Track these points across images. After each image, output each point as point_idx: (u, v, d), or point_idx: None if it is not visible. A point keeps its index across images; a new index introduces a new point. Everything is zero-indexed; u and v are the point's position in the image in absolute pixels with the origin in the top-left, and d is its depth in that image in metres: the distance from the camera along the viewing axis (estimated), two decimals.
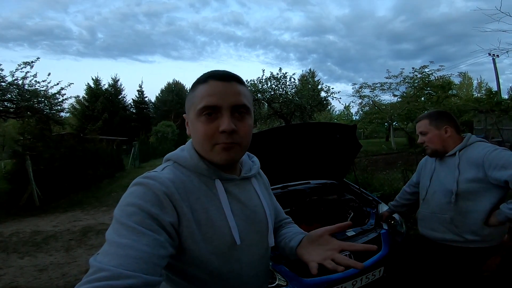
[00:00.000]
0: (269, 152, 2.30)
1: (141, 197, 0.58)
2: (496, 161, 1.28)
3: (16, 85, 7.42)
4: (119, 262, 0.49)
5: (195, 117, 0.68)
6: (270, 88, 14.63)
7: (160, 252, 0.54)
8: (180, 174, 0.68)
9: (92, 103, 25.03)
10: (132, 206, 0.57)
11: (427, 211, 1.60)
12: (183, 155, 0.72)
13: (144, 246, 0.52)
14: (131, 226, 0.54)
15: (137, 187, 0.61)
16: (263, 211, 0.78)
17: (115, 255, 0.50)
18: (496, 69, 16.65)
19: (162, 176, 0.64)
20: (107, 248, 0.52)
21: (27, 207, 6.45)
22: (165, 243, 0.56)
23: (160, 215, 0.58)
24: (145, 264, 0.50)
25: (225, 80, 0.67)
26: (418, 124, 1.60)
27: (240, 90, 0.68)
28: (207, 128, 0.65)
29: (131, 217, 0.55)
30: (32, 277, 3.16)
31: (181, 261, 0.64)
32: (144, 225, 0.55)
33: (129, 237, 0.52)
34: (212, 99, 0.65)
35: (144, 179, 0.62)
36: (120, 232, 0.54)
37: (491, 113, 5.84)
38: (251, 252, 0.72)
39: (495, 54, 14.03)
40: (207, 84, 0.67)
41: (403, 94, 15.01)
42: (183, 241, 0.62)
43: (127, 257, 0.50)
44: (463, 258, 1.44)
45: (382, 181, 4.75)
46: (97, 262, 0.50)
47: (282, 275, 1.69)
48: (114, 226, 0.56)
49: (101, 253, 0.52)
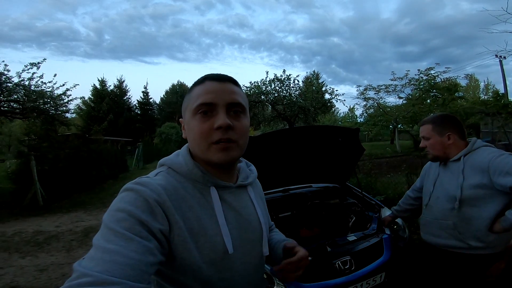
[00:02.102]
0: (271, 155, 2.28)
1: (132, 203, 0.57)
2: (501, 167, 1.25)
3: (23, 85, 7.52)
4: (105, 268, 0.47)
5: (190, 117, 0.68)
6: (274, 90, 14.65)
7: (149, 259, 0.53)
8: (173, 181, 0.67)
9: (97, 104, 25.31)
10: (121, 211, 0.56)
11: (430, 217, 1.56)
12: (178, 160, 0.71)
13: (132, 253, 0.51)
14: (119, 231, 0.53)
15: (127, 193, 0.60)
16: (258, 220, 0.78)
17: (101, 260, 0.48)
18: (503, 70, 16.47)
19: (154, 182, 0.62)
20: (93, 253, 0.51)
21: (31, 207, 6.49)
22: (154, 250, 0.55)
23: (150, 222, 0.56)
24: (132, 271, 0.49)
25: (221, 81, 0.69)
26: (421, 128, 1.58)
27: (235, 90, 0.70)
28: (203, 126, 0.65)
29: (120, 222, 0.54)
30: (32, 277, 3.18)
31: (172, 269, 0.63)
32: (133, 231, 0.53)
33: (117, 243, 0.51)
34: (208, 96, 0.66)
35: (135, 185, 0.61)
36: (108, 237, 0.52)
37: (497, 115, 5.75)
38: (244, 261, 0.71)
39: (502, 55, 13.87)
40: (203, 84, 0.68)
41: (409, 96, 14.91)
42: (174, 249, 0.61)
43: (113, 263, 0.48)
44: (466, 265, 1.40)
45: (386, 185, 4.69)
46: (81, 267, 0.48)
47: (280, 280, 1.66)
48: (102, 231, 0.54)
49: (87, 258, 0.50)
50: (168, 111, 34.83)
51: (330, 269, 1.76)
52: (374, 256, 1.90)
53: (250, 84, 14.55)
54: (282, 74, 14.51)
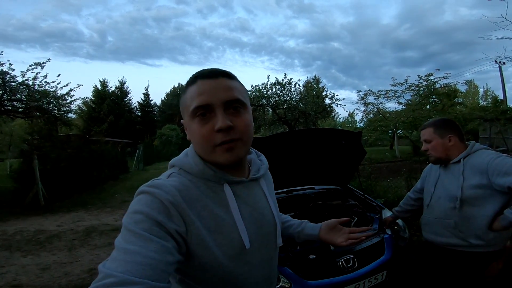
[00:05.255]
0: (275, 157, 2.32)
1: (148, 205, 0.59)
2: (499, 168, 1.31)
3: (26, 85, 7.56)
4: (126, 269, 0.49)
5: (189, 120, 0.67)
6: (275, 94, 14.68)
7: (168, 259, 0.55)
8: (186, 181, 0.67)
9: (98, 105, 25.38)
10: (139, 213, 0.57)
11: (431, 216, 1.61)
12: (187, 161, 0.70)
13: (151, 253, 0.52)
14: (138, 233, 0.54)
15: (143, 196, 0.61)
16: (271, 212, 0.79)
17: (122, 261, 0.51)
18: (502, 76, 16.61)
19: (167, 184, 0.63)
20: (116, 254, 0.53)
21: (32, 206, 6.49)
22: (172, 250, 0.57)
23: (166, 222, 0.58)
24: (152, 271, 0.51)
25: (213, 77, 0.65)
26: (422, 131, 1.63)
27: (230, 84, 0.66)
28: (203, 130, 0.64)
29: (138, 224, 0.56)
30: (34, 276, 3.18)
31: (192, 267, 0.64)
32: (151, 232, 0.55)
33: (137, 244, 0.53)
34: (202, 98, 0.63)
35: (149, 188, 0.62)
36: (128, 238, 0.54)
37: (496, 121, 5.80)
38: (260, 254, 0.73)
39: (502, 61, 13.99)
40: (195, 85, 0.66)
41: (408, 102, 14.98)
42: (193, 249, 0.62)
43: (134, 263, 0.50)
44: (467, 262, 1.44)
45: (386, 188, 4.74)
46: (105, 268, 0.50)
47: (286, 277, 1.70)
48: (123, 233, 0.56)
49: (110, 260, 0.53)
50: (169, 113, 34.81)
51: (334, 267, 1.80)
52: (376, 255, 1.94)
53: (252, 88, 14.61)
54: (283, 78, 14.60)
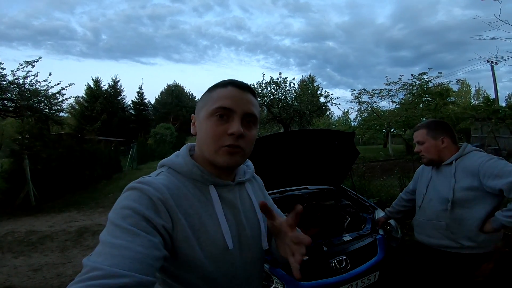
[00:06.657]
0: (268, 158, 2.32)
1: (136, 200, 0.59)
2: (491, 170, 1.32)
3: (17, 84, 7.43)
4: (114, 262, 0.49)
5: (206, 117, 0.70)
6: (270, 93, 14.69)
7: (155, 254, 0.55)
8: (174, 180, 0.69)
9: (91, 103, 24.98)
10: (127, 209, 0.58)
11: (423, 218, 1.62)
12: (178, 161, 0.73)
13: (138, 247, 0.53)
14: (126, 227, 0.55)
15: (132, 192, 0.62)
16: (255, 215, 0.80)
17: (109, 255, 0.51)
18: (494, 76, 16.84)
19: (156, 181, 0.65)
20: (101, 248, 0.53)
21: (23, 207, 6.40)
22: (159, 245, 0.57)
23: (154, 218, 0.59)
24: (140, 265, 0.51)
25: (242, 89, 0.71)
26: (415, 133, 1.64)
27: (253, 101, 0.73)
28: (217, 130, 0.68)
29: (126, 219, 0.56)
30: (26, 277, 3.14)
31: (176, 266, 0.65)
32: (138, 226, 0.56)
33: (124, 238, 0.53)
34: (228, 102, 0.68)
35: (138, 184, 0.63)
36: (115, 233, 0.54)
37: (488, 121, 5.87)
38: (245, 256, 0.74)
39: (494, 61, 14.19)
40: (226, 89, 0.71)
41: (402, 101, 15.13)
42: (178, 246, 0.63)
43: (121, 257, 0.50)
44: (458, 264, 1.46)
45: (379, 188, 4.78)
46: (90, 261, 0.50)
47: (279, 279, 1.70)
48: (109, 228, 0.56)
49: (95, 254, 0.52)
50: (163, 111, 34.64)
51: (327, 268, 1.81)
52: (368, 256, 1.95)
53: None
54: (278, 77, 14.61)
